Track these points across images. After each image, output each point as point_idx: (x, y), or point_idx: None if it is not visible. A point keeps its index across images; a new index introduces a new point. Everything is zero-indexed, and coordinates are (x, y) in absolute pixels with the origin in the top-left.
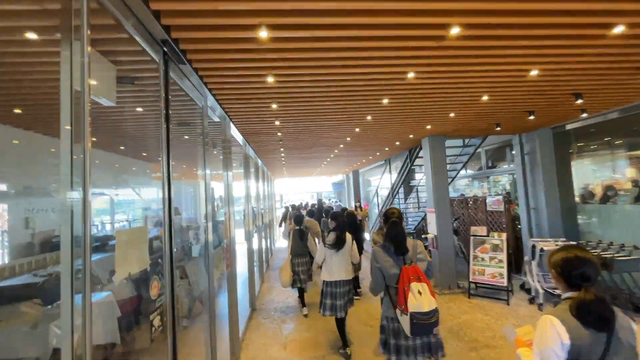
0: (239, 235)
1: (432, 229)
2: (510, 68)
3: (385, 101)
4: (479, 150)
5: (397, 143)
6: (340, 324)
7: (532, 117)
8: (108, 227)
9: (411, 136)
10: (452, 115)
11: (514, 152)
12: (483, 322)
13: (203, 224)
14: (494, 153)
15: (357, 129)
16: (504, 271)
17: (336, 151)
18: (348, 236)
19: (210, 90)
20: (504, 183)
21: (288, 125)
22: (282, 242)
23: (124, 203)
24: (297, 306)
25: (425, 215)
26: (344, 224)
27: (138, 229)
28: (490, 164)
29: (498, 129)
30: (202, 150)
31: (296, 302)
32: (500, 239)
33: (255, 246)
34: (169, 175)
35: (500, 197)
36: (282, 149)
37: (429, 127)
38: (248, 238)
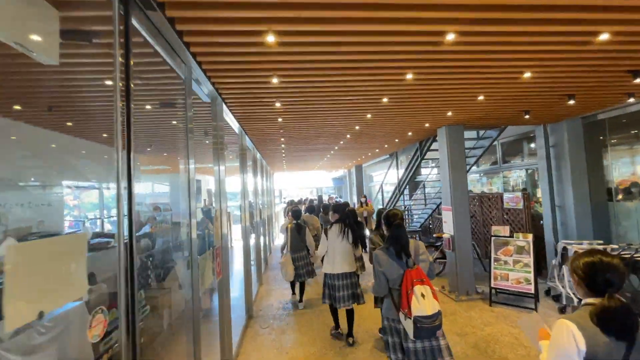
0: (236, 232)
1: (448, 229)
2: (576, 30)
3: (409, 76)
4: (493, 143)
5: (410, 134)
6: (334, 311)
7: (572, 102)
8: (97, 222)
9: (427, 125)
10: (480, 98)
11: (532, 145)
12: (511, 335)
13: (185, 223)
14: (510, 147)
15: (369, 115)
16: (531, 276)
17: (341, 142)
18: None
19: (194, 55)
20: (515, 178)
21: (291, 109)
22: (281, 239)
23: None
24: (299, 313)
25: (432, 212)
26: (347, 216)
27: (60, 239)
28: (504, 159)
29: (527, 117)
30: (186, 137)
31: (298, 308)
32: (525, 240)
33: (252, 244)
34: (129, 169)
35: (519, 194)
36: (282, 139)
37: (449, 113)
38: (244, 236)
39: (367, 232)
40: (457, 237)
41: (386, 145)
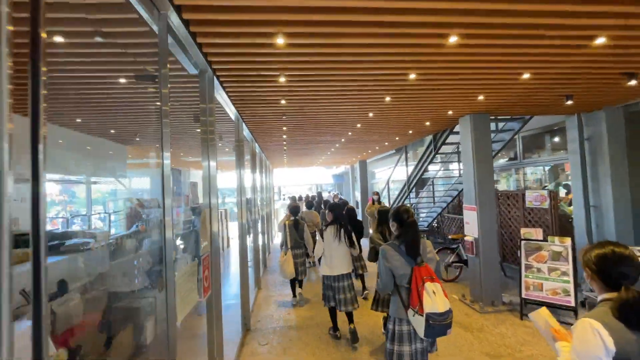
0: (233, 230)
1: (472, 230)
2: None
3: (452, 39)
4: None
5: (427, 123)
6: (333, 311)
7: (633, 82)
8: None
9: (450, 112)
10: (525, 76)
11: (556, 139)
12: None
13: (157, 222)
14: (530, 141)
15: (388, 98)
16: (570, 287)
17: (350, 134)
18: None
19: None
20: (528, 175)
21: (297, 88)
22: (280, 238)
23: (108, 194)
24: (304, 325)
25: (442, 211)
26: (342, 217)
27: None
28: (524, 154)
29: (569, 102)
30: (160, 120)
31: (301, 319)
32: (562, 245)
33: (250, 243)
34: (34, 153)
35: (545, 192)
36: (285, 129)
37: (480, 97)
38: (241, 236)
39: (371, 232)
40: (481, 240)
41: (397, 138)
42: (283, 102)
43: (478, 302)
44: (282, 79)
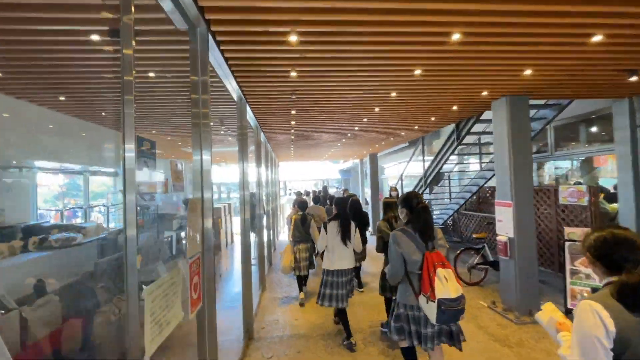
0: (237, 226)
1: (506, 229)
2: None
3: None
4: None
5: (454, 108)
6: (342, 314)
7: None
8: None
9: (485, 93)
10: (596, 39)
11: (593, 129)
12: None
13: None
14: (563, 131)
15: (418, 71)
16: None
17: (365, 120)
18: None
19: None
20: (548, 168)
21: (311, 50)
22: (287, 232)
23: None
24: (314, 335)
25: (459, 208)
26: (346, 212)
27: None
28: (555, 146)
29: (633, 79)
30: (121, 93)
31: (310, 325)
32: None
33: (253, 239)
34: None
35: (583, 187)
36: (293, 112)
37: (527, 72)
38: (243, 234)
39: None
40: (517, 240)
41: (416, 127)
42: (293, 74)
43: (512, 311)
44: (293, 38)
